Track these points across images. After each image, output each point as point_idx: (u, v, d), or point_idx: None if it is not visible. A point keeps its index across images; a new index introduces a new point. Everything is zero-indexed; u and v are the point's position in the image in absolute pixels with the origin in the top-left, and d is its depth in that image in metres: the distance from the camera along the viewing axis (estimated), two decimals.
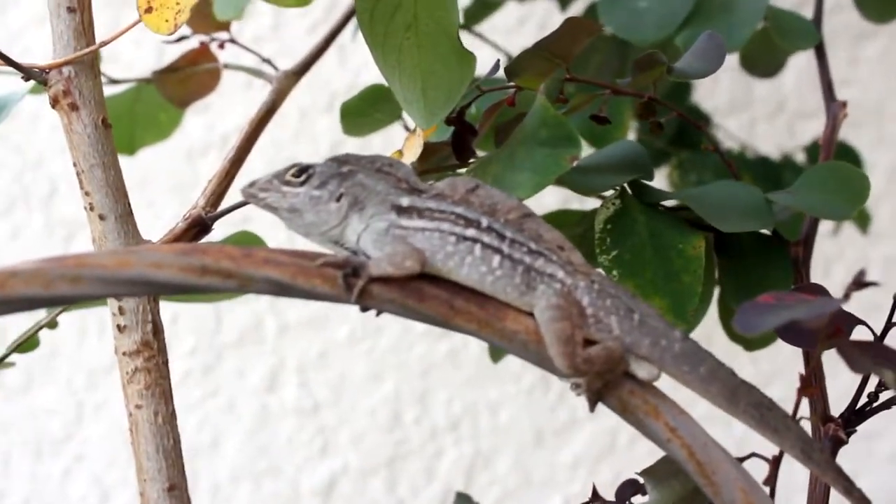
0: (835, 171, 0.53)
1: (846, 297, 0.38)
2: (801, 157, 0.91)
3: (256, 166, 0.57)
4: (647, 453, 1.11)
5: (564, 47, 0.46)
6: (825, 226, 0.98)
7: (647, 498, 0.46)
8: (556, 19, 0.88)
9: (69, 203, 1.12)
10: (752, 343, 0.57)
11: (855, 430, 0.49)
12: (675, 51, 0.73)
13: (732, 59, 0.94)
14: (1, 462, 1.10)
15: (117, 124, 0.74)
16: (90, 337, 1.10)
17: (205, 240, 0.51)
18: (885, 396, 0.48)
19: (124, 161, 0.55)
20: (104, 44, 0.46)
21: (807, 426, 0.41)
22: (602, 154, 0.54)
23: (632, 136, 0.87)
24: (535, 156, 0.41)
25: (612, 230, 0.49)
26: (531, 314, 0.38)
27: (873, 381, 0.48)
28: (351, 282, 0.36)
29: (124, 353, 0.44)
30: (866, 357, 0.37)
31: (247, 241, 0.56)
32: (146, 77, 0.69)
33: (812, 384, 0.39)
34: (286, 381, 1.11)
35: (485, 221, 0.38)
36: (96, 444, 1.10)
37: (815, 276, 1.23)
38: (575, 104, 0.52)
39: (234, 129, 1.12)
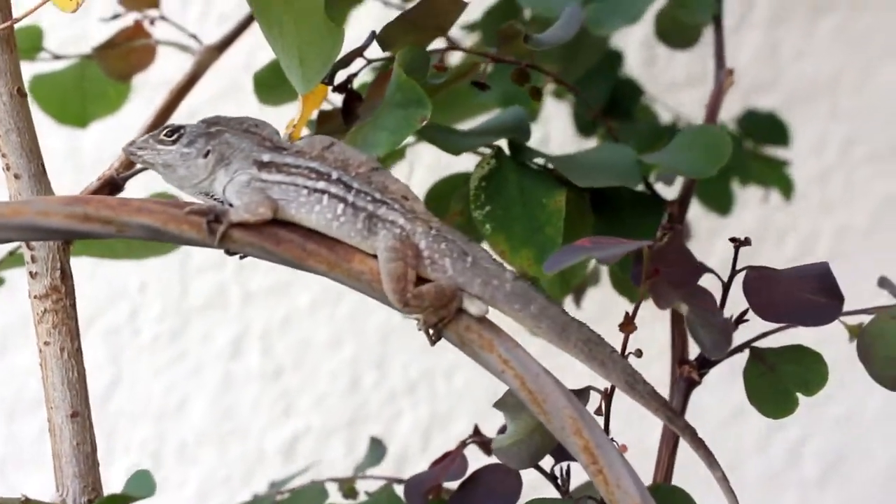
0: (702, 134, 0.57)
1: (660, 239, 0.42)
2: (732, 127, 0.95)
3: None
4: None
5: (437, 19, 0.50)
6: (762, 196, 1.01)
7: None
8: None
9: None
10: (634, 294, 0.61)
11: (707, 372, 0.53)
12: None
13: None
14: None
15: (68, 99, 0.79)
16: None
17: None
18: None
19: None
20: (17, 20, 0.50)
21: (633, 362, 0.45)
22: (490, 119, 0.58)
23: (566, 108, 0.92)
24: (391, 117, 0.46)
25: (487, 187, 0.53)
26: (376, 257, 0.42)
27: None
28: (213, 227, 0.41)
29: (35, 297, 0.49)
30: (675, 293, 0.42)
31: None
32: (87, 53, 0.73)
33: (632, 322, 0.44)
34: (250, 347, 1.16)
35: (335, 174, 0.43)
36: None
37: (767, 248, 1.24)
38: (461, 72, 0.57)
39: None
